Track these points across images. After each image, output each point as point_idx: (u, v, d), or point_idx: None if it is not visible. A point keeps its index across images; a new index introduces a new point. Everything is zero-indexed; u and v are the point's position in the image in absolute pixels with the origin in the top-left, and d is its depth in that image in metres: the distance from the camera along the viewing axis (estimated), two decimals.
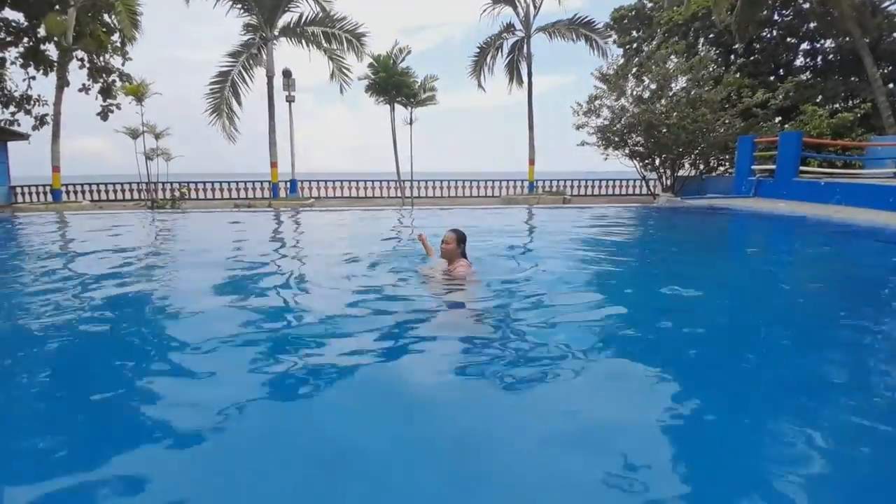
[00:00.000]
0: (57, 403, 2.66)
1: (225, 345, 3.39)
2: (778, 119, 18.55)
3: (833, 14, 18.20)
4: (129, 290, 4.91)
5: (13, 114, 22.04)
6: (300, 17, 18.90)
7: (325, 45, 18.91)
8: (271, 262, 6.58)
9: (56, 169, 18.34)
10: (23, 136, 20.82)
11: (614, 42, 23.45)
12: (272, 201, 18.51)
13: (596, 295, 4.66)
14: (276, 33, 19.02)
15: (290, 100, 19.89)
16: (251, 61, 18.84)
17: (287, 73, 19.68)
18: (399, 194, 19.59)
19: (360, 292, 4.63)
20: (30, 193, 19.60)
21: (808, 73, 21.68)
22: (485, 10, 20.98)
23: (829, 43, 21.47)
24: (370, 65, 17.72)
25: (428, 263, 5.07)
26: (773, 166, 13.22)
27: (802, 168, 12.94)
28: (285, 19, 19.06)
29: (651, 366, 3.06)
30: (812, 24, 20.94)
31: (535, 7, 20.78)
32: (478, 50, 21.75)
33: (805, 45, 22.07)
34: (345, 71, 18.81)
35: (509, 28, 21.29)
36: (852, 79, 19.93)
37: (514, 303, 4.27)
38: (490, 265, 5.48)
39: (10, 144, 20.51)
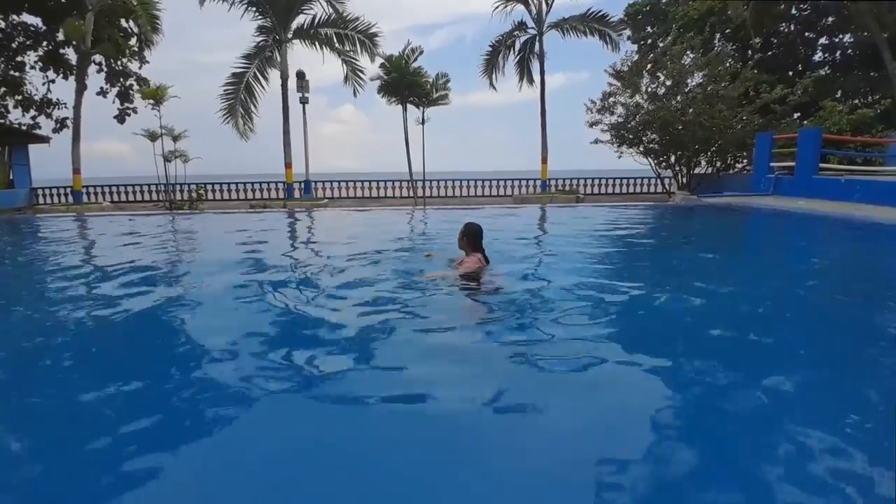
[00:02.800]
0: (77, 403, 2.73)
1: (247, 339, 3.48)
2: (797, 115, 18.27)
3: (850, 8, 17.89)
4: (152, 291, 4.98)
5: (33, 117, 22.48)
6: (313, 18, 19.01)
7: (338, 46, 18.99)
8: (288, 261, 6.67)
9: (77, 171, 18.63)
10: (43, 139, 21.18)
11: (628, 38, 23.25)
12: (287, 202, 18.66)
13: (610, 296, 4.61)
14: (290, 35, 19.14)
15: (303, 101, 19.99)
16: (265, 63, 18.98)
17: (301, 75, 19.77)
18: (411, 194, 19.63)
19: (370, 289, 4.71)
20: (51, 195, 19.93)
21: (826, 68, 21.30)
22: (496, 8, 20.96)
23: (847, 37, 21.09)
24: (382, 65, 17.78)
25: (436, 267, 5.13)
26: (793, 163, 13.05)
27: (822, 165, 12.75)
28: (299, 21, 19.19)
29: (661, 366, 3.06)
30: (830, 19, 20.59)
31: (546, 5, 20.69)
32: (489, 48, 21.71)
33: (823, 40, 21.71)
34: (358, 73, 18.90)
35: (521, 26, 21.22)
36: (872, 74, 19.55)
37: (524, 299, 4.31)
38: (500, 265, 5.48)
39: (31, 147, 20.88)
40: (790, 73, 20.34)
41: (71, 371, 3.18)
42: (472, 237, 4.61)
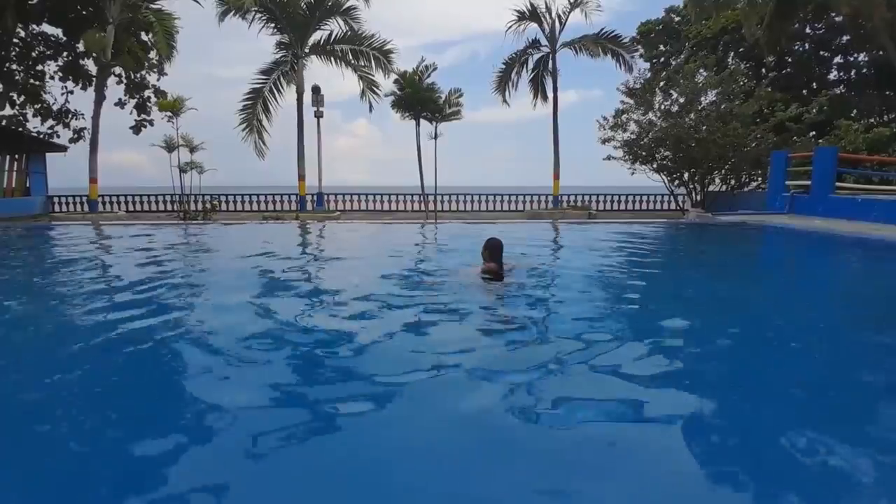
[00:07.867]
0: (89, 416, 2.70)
1: (263, 355, 3.47)
2: (812, 134, 18.17)
3: (866, 27, 17.85)
4: (162, 303, 4.97)
5: (51, 126, 22.85)
6: (330, 35, 19.29)
7: (353, 62, 19.22)
8: (298, 273, 6.69)
9: (93, 180, 18.84)
10: (61, 148, 21.51)
11: (641, 56, 23.32)
12: (299, 214, 18.76)
13: (623, 315, 4.55)
14: (307, 51, 19.40)
15: (318, 115, 20.18)
16: (282, 78, 19.22)
17: (316, 90, 19.98)
18: (423, 208, 19.65)
19: (379, 299, 4.79)
20: (67, 204, 20.15)
21: (842, 86, 21.25)
22: (510, 27, 21.11)
23: (862, 56, 21.04)
24: (396, 81, 17.92)
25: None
26: (808, 182, 12.93)
27: (838, 184, 12.62)
28: (315, 37, 19.47)
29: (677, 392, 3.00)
30: (845, 38, 20.57)
31: (560, 23, 20.81)
32: (503, 66, 21.83)
33: (838, 59, 21.66)
34: (374, 89, 19.10)
35: (534, 44, 21.34)
36: (888, 93, 19.47)
37: (532, 315, 4.36)
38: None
39: (48, 156, 21.19)
40: (805, 92, 20.29)
41: (84, 385, 3.14)
42: (483, 249, 5.07)
